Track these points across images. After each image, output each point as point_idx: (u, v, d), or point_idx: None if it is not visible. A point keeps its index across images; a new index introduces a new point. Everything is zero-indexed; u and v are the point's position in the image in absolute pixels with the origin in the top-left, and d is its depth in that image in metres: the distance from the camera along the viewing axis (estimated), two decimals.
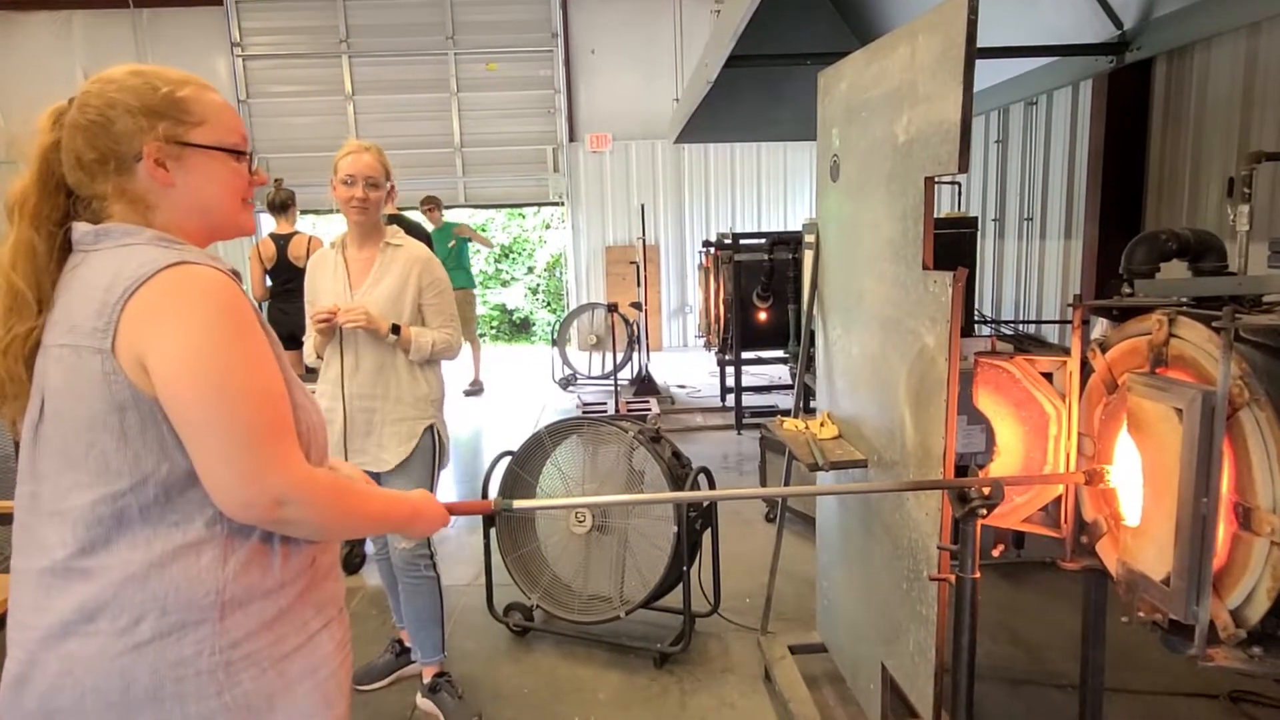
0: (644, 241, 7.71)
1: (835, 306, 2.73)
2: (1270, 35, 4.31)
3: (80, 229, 1.19)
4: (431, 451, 2.80)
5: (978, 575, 1.81)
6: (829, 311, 2.79)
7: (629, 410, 7.10)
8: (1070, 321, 2.06)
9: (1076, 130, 5.91)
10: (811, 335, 2.98)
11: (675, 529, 3.04)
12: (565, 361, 8.73)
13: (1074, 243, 5.89)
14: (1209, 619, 1.59)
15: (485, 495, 3.35)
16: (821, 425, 2.70)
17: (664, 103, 11.01)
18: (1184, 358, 1.71)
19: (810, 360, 3.14)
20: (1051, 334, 6.21)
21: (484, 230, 12.53)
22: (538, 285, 14.18)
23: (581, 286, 11.58)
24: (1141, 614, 1.76)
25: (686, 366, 9.76)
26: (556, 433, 3.36)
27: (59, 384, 1.15)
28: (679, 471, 3.21)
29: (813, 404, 5.94)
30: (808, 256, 5.03)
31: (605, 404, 7.52)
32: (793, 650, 2.91)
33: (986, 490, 1.77)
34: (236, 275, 1.21)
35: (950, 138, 1.87)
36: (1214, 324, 1.56)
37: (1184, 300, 1.91)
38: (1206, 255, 2.20)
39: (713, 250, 6.90)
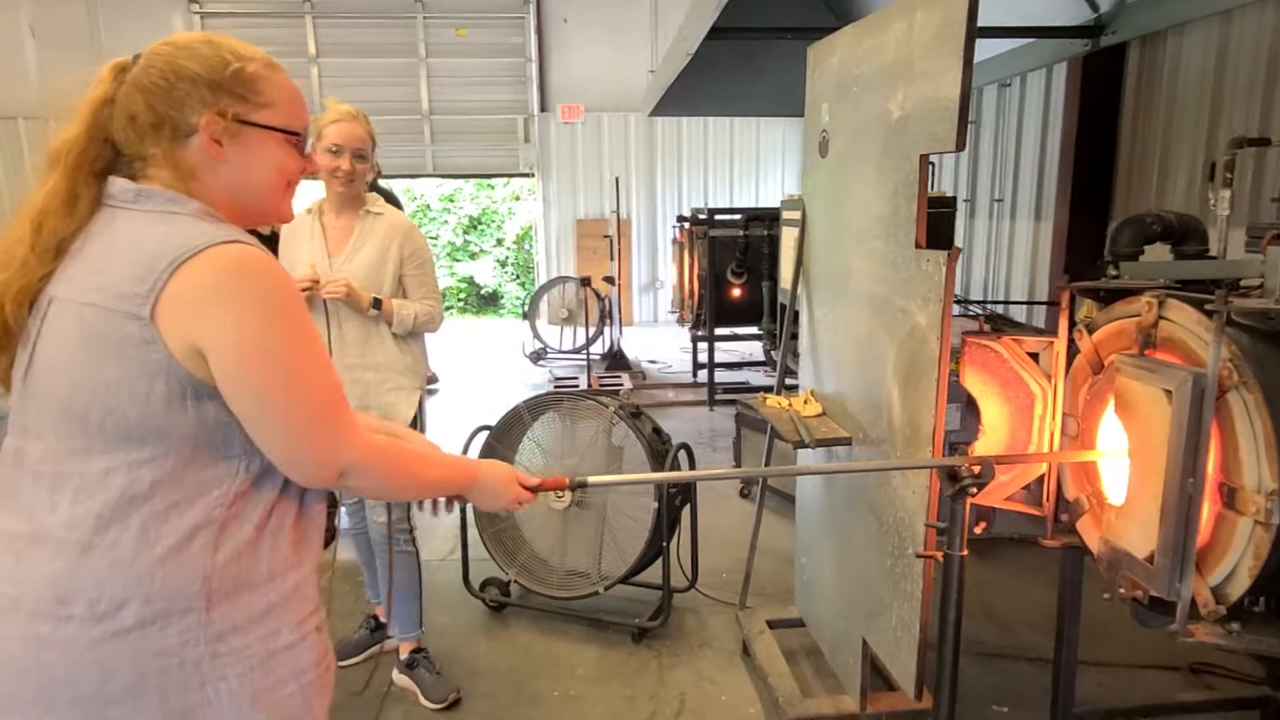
0: (618, 215, 7.62)
1: (821, 284, 2.72)
2: (1241, 23, 4.37)
3: (119, 184, 1.15)
4: (419, 423, 2.76)
5: (965, 553, 1.83)
6: (814, 288, 2.78)
7: (601, 385, 7.08)
8: (1046, 302, 2.08)
9: (1049, 113, 5.97)
10: (795, 314, 2.97)
11: (656, 505, 3.04)
12: (536, 335, 8.66)
13: (1044, 224, 5.97)
14: (1191, 596, 1.63)
15: None
16: (805, 403, 2.70)
17: (637, 75, 10.89)
18: (1173, 340, 1.73)
19: (792, 337, 3.15)
20: (1019, 314, 6.30)
21: (453, 200, 12.33)
22: (507, 258, 14.02)
23: (552, 260, 11.47)
24: (1123, 590, 1.80)
25: (657, 342, 9.75)
26: (535, 407, 3.33)
27: (71, 342, 1.09)
28: (660, 448, 3.20)
29: (788, 381, 5.96)
30: (786, 234, 5.02)
31: (577, 379, 7.50)
32: (771, 625, 2.94)
33: (977, 469, 1.78)
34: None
35: (948, 115, 1.86)
36: (1207, 307, 1.58)
37: (1171, 283, 1.93)
38: (1189, 239, 2.23)
39: (687, 225, 6.86)
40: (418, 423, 2.77)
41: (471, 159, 11.33)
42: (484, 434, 3.38)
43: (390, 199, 5.91)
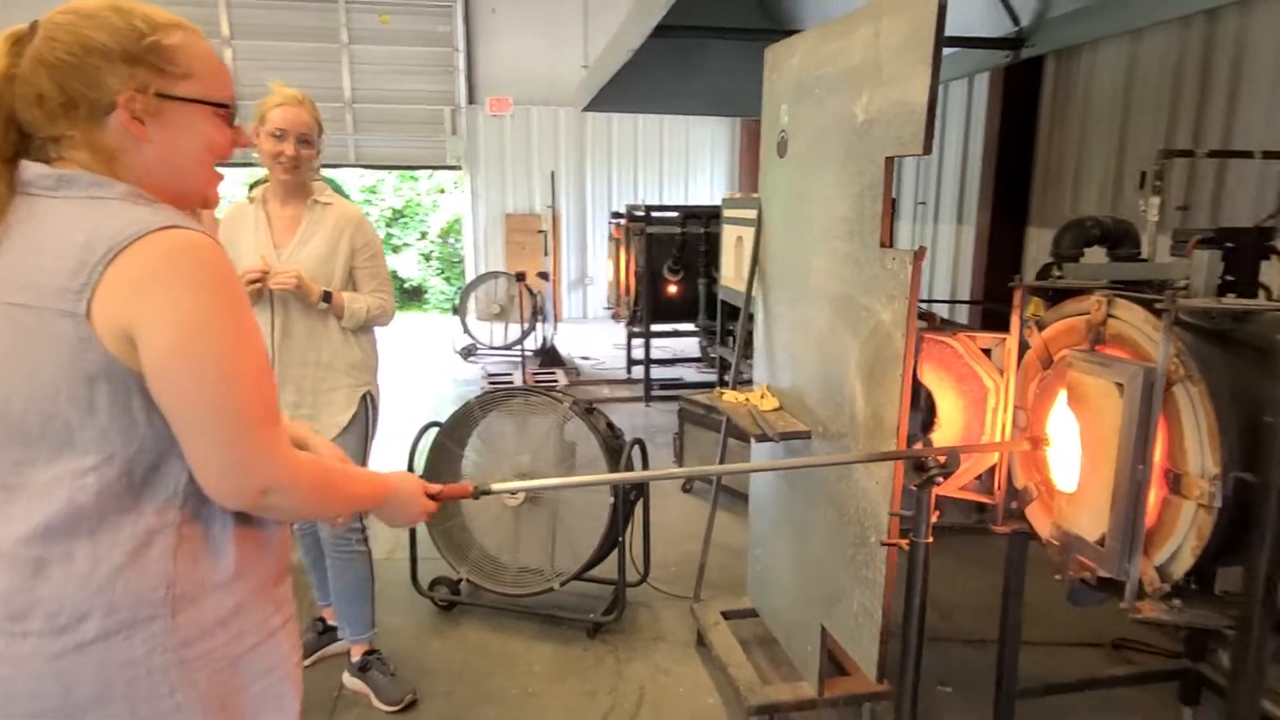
0: (554, 210, 7.56)
1: (779, 281, 2.78)
2: (1150, 42, 4.68)
3: (34, 170, 1.05)
4: (366, 421, 2.68)
5: (931, 539, 1.92)
6: (771, 286, 2.84)
7: (535, 381, 7.03)
8: (970, 301, 2.19)
9: (970, 121, 6.24)
10: (725, 307, 3.03)
11: (613, 500, 3.05)
12: (466, 331, 8.52)
13: (965, 228, 6.24)
14: (1139, 575, 1.74)
15: (410, 468, 3.24)
16: (762, 397, 2.76)
17: (568, 69, 10.83)
18: (1121, 336, 1.85)
19: (727, 334, 3.20)
20: (942, 313, 6.58)
21: (374, 192, 11.99)
22: (431, 252, 13.73)
23: (480, 254, 11.30)
24: (1073, 572, 1.91)
25: (589, 338, 9.74)
26: (487, 403, 3.28)
27: (1, 346, 1.02)
28: (615, 444, 3.21)
29: (726, 377, 6.05)
30: (728, 232, 5.10)
31: (510, 375, 7.42)
32: (725, 616, 2.99)
33: (943, 459, 1.87)
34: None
35: (915, 119, 1.93)
36: (1157, 306, 1.69)
37: (1111, 283, 2.06)
38: (1123, 243, 2.38)
39: (624, 222, 6.88)
40: (367, 422, 2.69)
41: (395, 150, 11.04)
42: (433, 431, 3.32)
43: (336, 190, 5.72)
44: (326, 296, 2.50)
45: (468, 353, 8.51)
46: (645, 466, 3.25)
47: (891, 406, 2.04)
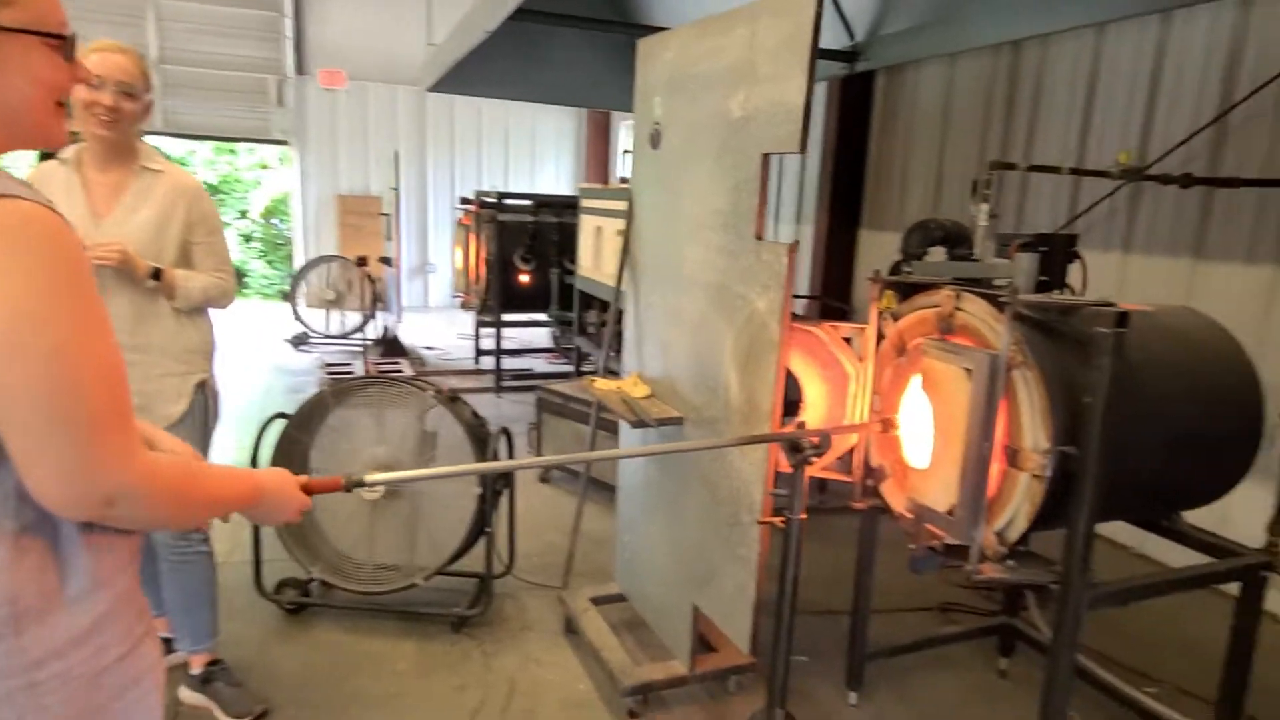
0: (398, 192, 7.25)
1: (650, 271, 2.83)
2: (965, 65, 5.18)
3: None
4: (204, 412, 2.46)
5: (805, 516, 2.04)
6: (642, 276, 2.89)
7: (378, 372, 6.72)
8: (809, 297, 2.35)
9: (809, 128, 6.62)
10: (582, 296, 3.07)
11: (480, 491, 2.98)
12: (298, 319, 7.99)
13: (803, 228, 6.63)
14: (982, 541, 1.95)
15: (254, 463, 3.01)
16: (634, 385, 2.80)
17: (410, 46, 10.40)
18: (968, 327, 2.05)
19: (586, 324, 3.24)
20: None
21: (184, 164, 10.92)
22: (252, 233, 12.72)
23: (310, 237, 10.62)
24: (925, 541, 2.10)
25: (431, 327, 9.43)
26: (341, 392, 3.11)
27: None
28: (481, 433, 3.14)
29: (586, 366, 6.05)
30: (586, 222, 5.12)
31: (349, 365, 7.05)
32: (594, 602, 3.02)
33: (816, 440, 1.99)
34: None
35: (792, 118, 2.03)
36: (1000, 299, 1.89)
37: (957, 279, 2.28)
38: (960, 243, 2.63)
39: (473, 208, 6.71)
40: (205, 414, 2.47)
41: (211, 119, 10.14)
42: (279, 423, 3.09)
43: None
44: (156, 274, 2.26)
45: (299, 341, 7.99)
46: (511, 456, 3.20)
47: (766, 391, 2.14)
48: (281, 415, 3.11)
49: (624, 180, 4.96)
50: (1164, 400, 2.00)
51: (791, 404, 2.43)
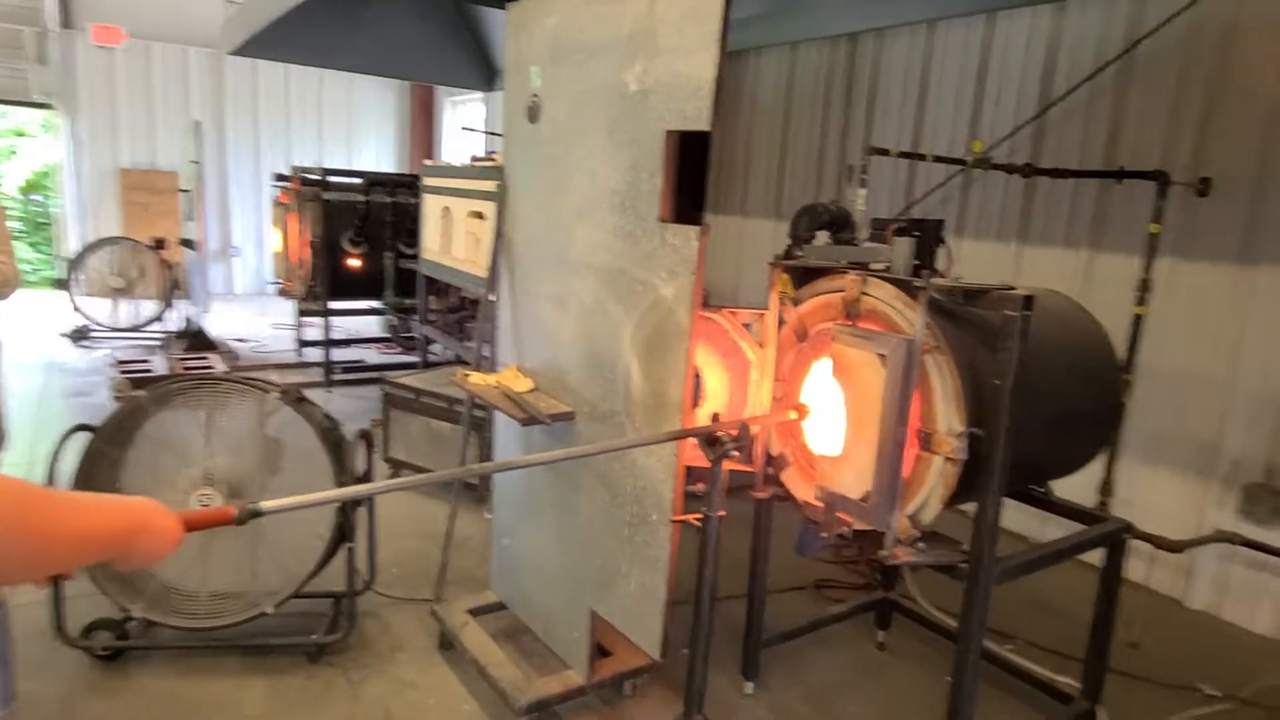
0: (200, 167, 6.42)
1: (529, 255, 2.62)
2: (805, 54, 5.32)
3: None
4: None
5: (724, 513, 1.95)
6: (519, 260, 2.67)
7: (186, 369, 5.94)
8: None
9: None
10: (427, 281, 2.83)
11: (340, 504, 2.65)
12: (78, 310, 6.91)
13: None
14: (897, 525, 1.95)
15: (51, 481, 2.49)
16: (515, 378, 2.59)
17: (202, 3, 9.25)
18: (875, 312, 2.03)
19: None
20: None
21: None
22: (10, 210, 10.89)
23: (86, 216, 9.24)
24: (836, 529, 2.08)
25: (239, 317, 8.51)
26: (162, 396, 2.64)
27: None
28: (335, 436, 2.79)
29: (431, 356, 5.67)
30: (430, 202, 4.77)
31: (147, 362, 6.18)
32: (473, 614, 2.78)
33: (736, 432, 1.90)
34: None
35: (701, 94, 1.92)
36: (915, 284, 1.89)
37: (849, 263, 2.27)
38: (844, 227, 2.64)
39: (291, 185, 6.07)
40: None
41: None
42: (81, 436, 2.58)
43: None
44: None
45: (80, 336, 6.92)
46: (372, 460, 2.87)
47: (675, 382, 2.02)
48: (84, 427, 2.59)
49: (479, 158, 4.64)
50: (1050, 379, 2.09)
51: (694, 395, 2.34)
